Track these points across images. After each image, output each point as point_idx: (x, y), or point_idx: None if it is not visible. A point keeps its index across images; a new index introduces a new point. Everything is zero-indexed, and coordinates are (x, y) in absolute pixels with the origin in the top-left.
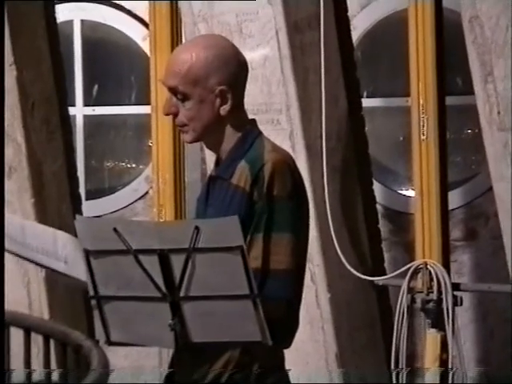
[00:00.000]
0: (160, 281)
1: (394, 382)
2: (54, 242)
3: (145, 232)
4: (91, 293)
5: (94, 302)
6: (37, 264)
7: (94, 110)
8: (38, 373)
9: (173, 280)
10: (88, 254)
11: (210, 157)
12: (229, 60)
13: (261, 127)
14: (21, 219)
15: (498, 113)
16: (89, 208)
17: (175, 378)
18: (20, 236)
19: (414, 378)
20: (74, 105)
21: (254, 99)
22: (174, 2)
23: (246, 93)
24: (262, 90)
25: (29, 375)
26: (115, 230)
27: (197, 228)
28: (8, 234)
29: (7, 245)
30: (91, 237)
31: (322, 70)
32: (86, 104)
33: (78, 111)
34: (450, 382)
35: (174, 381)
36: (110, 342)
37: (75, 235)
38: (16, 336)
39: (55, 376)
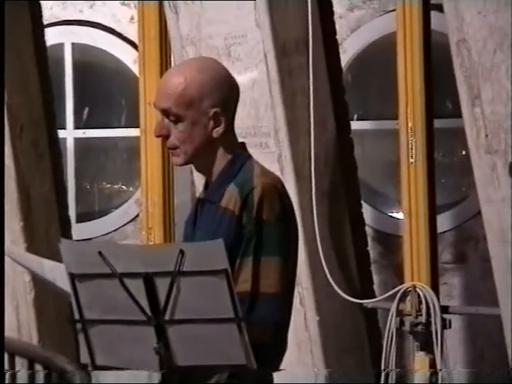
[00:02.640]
0: (145, 304)
1: None
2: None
3: (130, 255)
4: (76, 316)
5: (79, 325)
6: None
7: (84, 133)
8: None
9: (158, 303)
10: (73, 278)
11: (200, 179)
12: (222, 82)
13: (249, 150)
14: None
15: (486, 136)
16: (79, 231)
17: None
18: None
19: None
20: (64, 127)
21: (242, 122)
22: (164, 24)
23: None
24: (251, 114)
25: None
26: (100, 253)
27: (182, 251)
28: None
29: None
30: (76, 260)
31: (311, 93)
32: (77, 127)
33: (69, 134)
34: None
35: None
36: (95, 366)
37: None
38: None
39: None
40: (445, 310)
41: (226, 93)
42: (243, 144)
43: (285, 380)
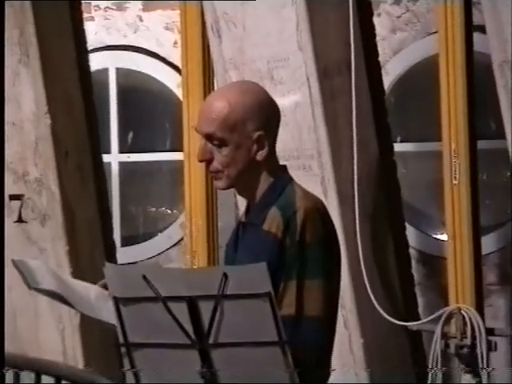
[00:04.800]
0: (189, 328)
1: None
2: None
3: (174, 279)
4: (121, 340)
5: (123, 349)
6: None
7: (129, 157)
8: None
9: (202, 327)
10: (117, 302)
11: (243, 202)
12: (264, 105)
13: (292, 173)
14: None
15: None
16: (124, 254)
17: None
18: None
19: None
20: (109, 152)
21: (285, 145)
22: (207, 48)
23: (278, 139)
24: (294, 136)
25: None
26: (144, 277)
27: (225, 275)
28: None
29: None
30: (121, 284)
31: (354, 115)
32: (122, 151)
33: (114, 158)
34: None
35: None
36: None
37: None
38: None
39: None
40: (490, 332)
41: (268, 116)
42: (285, 167)
43: None
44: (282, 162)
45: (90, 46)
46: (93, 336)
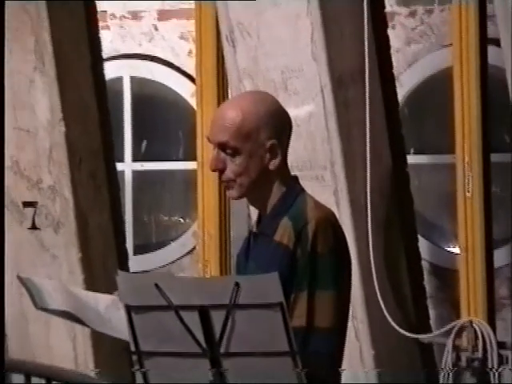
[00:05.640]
0: (200, 336)
1: None
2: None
3: (186, 288)
4: (132, 348)
5: (134, 357)
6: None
7: (142, 166)
8: None
9: (213, 336)
10: (129, 310)
11: (255, 212)
12: (277, 115)
13: (305, 183)
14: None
15: None
16: (136, 263)
17: None
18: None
19: None
20: (122, 160)
21: (298, 156)
22: (221, 58)
23: (291, 149)
24: (307, 147)
25: None
26: (156, 285)
27: (237, 284)
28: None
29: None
30: (133, 292)
31: (367, 127)
32: (135, 159)
33: (127, 166)
34: None
35: None
36: None
37: None
38: None
39: None
40: (502, 345)
41: (280, 125)
42: (296, 177)
43: None
44: (295, 173)
45: (105, 55)
46: (104, 343)
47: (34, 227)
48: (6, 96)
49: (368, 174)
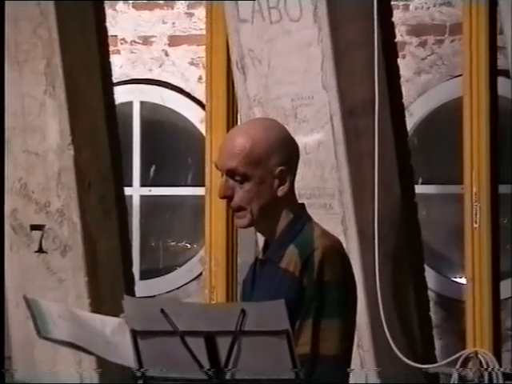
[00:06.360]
0: (206, 363)
1: None
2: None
3: (192, 313)
4: (138, 373)
5: (140, 382)
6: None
7: (150, 191)
8: None
9: (219, 362)
10: (135, 335)
11: (262, 239)
12: (286, 142)
13: (313, 211)
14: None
15: None
16: (143, 288)
17: None
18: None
19: None
20: (130, 185)
21: (307, 183)
22: (231, 84)
23: (300, 177)
24: (316, 175)
25: None
26: (162, 311)
27: (243, 311)
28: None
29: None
30: (139, 317)
31: (376, 156)
32: (143, 184)
33: (135, 191)
34: None
35: None
36: None
37: None
38: None
39: None
40: (507, 377)
41: (289, 152)
42: (303, 205)
43: None
44: (303, 200)
45: (115, 79)
46: (110, 368)
47: (41, 250)
48: (16, 119)
49: (376, 204)
